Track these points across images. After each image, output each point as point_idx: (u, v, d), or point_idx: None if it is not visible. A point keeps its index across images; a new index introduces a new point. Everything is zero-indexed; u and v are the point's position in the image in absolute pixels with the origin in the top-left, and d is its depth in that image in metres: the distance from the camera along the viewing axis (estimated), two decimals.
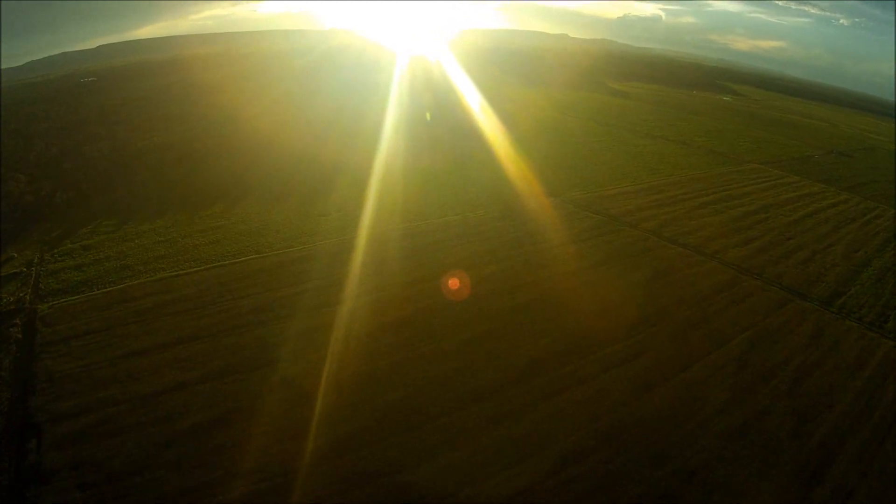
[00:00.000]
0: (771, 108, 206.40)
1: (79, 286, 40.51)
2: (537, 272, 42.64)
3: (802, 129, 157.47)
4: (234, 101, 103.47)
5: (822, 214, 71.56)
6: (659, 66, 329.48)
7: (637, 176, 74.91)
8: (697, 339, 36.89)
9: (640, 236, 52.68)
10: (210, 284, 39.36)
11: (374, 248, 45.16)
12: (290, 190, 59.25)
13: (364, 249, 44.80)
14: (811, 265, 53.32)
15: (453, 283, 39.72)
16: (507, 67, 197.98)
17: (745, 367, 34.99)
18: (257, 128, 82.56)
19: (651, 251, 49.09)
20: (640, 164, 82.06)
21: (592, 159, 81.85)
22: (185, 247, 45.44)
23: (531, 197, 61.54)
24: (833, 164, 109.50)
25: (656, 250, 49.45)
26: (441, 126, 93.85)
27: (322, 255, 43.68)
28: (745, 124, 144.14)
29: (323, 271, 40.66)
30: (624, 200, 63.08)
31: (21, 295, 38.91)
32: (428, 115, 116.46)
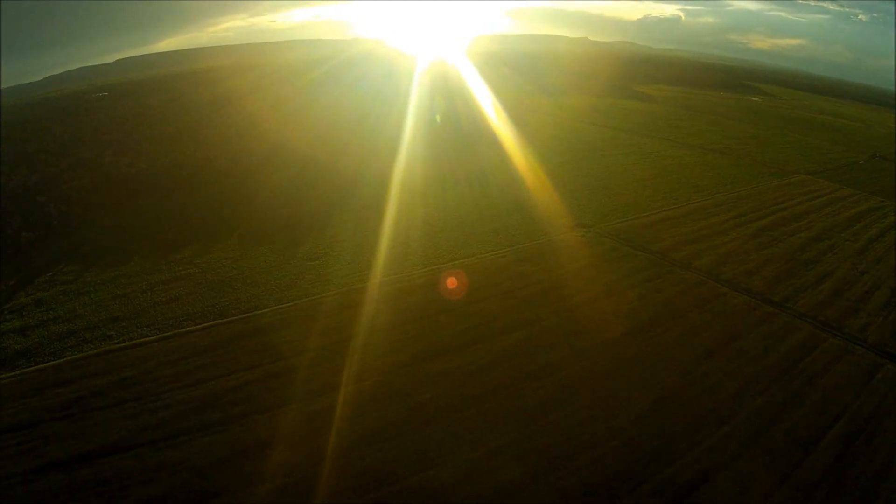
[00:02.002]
0: (801, 109, 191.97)
1: (16, 358, 33.16)
2: (570, 343, 32.98)
3: (838, 130, 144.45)
4: (237, 116, 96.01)
5: (889, 237, 60.85)
6: (682, 67, 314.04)
7: (679, 195, 64.78)
8: (780, 441, 27.21)
9: (695, 280, 42.68)
10: (158, 363, 31.04)
11: (370, 309, 35.93)
12: (281, 224, 50.96)
13: (357, 312, 35.57)
14: (894, 310, 43.11)
15: (465, 363, 30.48)
16: (527, 74, 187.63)
17: (842, 485, 25.39)
18: (256, 147, 74.68)
19: (711, 303, 39.04)
20: (679, 180, 71.73)
21: (626, 176, 71.75)
22: (143, 305, 37.31)
23: (560, 228, 51.99)
24: (880, 170, 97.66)
25: (717, 301, 39.41)
26: (459, 142, 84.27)
27: (302, 320, 34.76)
28: (780, 128, 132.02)
29: (297, 347, 31.78)
30: (668, 230, 53.05)
31: None
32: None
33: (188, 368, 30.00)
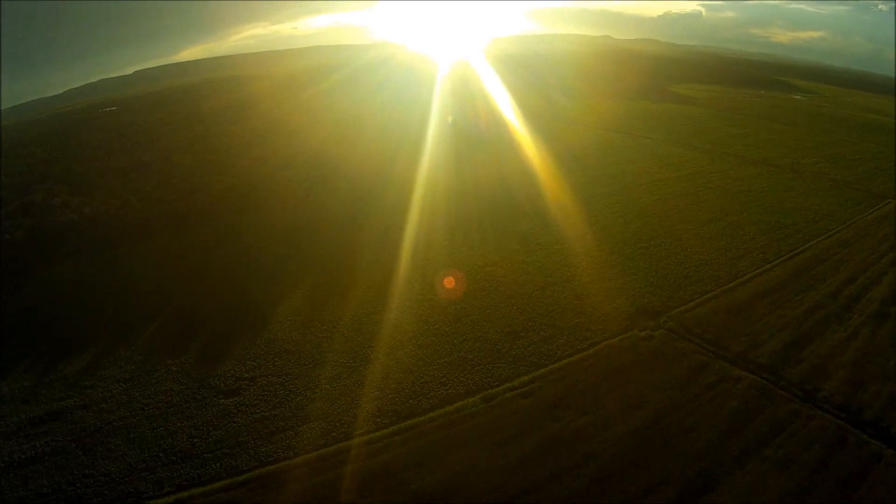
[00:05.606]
0: (848, 107, 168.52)
1: None
2: None
3: None
4: (233, 135, 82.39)
5: None
6: (711, 64, 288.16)
7: (765, 245, 47.04)
8: None
9: (831, 432, 25.30)
10: None
11: None
12: (211, 311, 35.75)
13: None
14: None
15: None
16: (551, 76, 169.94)
17: None
18: (233, 182, 60.43)
19: (862, 488, 22.27)
20: (758, 217, 54.13)
21: (688, 213, 54.31)
22: None
23: (612, 319, 34.30)
24: None
25: (868, 483, 22.53)
26: (479, 178, 65.85)
27: None
28: (840, 132, 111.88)
29: None
30: (768, 314, 35.47)
31: None
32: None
33: None
